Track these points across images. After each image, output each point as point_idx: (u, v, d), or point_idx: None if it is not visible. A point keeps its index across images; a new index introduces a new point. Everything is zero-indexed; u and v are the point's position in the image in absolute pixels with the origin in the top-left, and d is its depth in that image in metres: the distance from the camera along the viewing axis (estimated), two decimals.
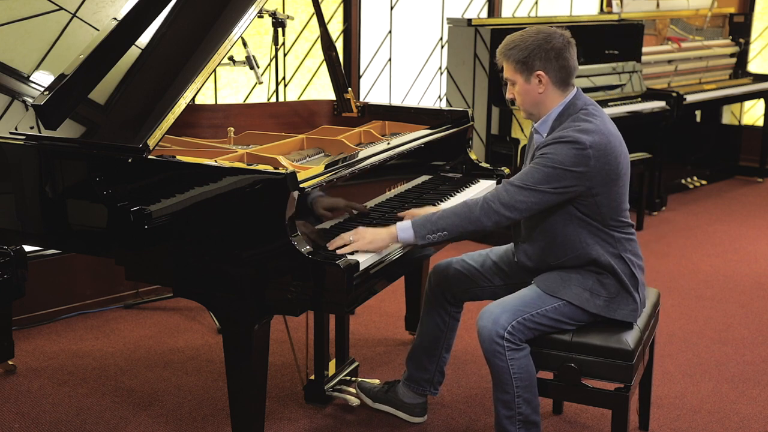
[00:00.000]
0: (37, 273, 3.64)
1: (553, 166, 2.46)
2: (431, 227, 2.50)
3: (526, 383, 2.55)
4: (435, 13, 5.53)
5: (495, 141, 5.06)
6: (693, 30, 6.49)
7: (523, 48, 2.54)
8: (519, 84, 2.58)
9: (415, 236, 2.50)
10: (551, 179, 2.46)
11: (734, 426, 3.04)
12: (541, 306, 2.57)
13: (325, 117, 3.59)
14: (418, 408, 3.00)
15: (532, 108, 2.62)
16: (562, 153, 2.46)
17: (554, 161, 2.46)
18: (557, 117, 2.58)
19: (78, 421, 3.01)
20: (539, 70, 2.54)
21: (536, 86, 2.56)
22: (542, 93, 2.56)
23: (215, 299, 2.45)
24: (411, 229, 2.51)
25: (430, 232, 2.50)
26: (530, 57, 2.53)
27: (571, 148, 2.45)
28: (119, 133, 2.58)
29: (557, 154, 2.46)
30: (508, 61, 2.57)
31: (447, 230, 2.51)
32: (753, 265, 4.80)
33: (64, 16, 2.95)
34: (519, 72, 2.56)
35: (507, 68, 2.59)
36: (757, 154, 6.90)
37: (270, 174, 2.33)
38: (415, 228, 2.50)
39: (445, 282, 2.90)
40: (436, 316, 2.94)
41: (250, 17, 2.76)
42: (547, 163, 2.47)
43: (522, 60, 2.54)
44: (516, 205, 2.48)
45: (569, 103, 2.58)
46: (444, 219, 2.50)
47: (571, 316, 2.59)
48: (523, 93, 2.59)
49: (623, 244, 2.60)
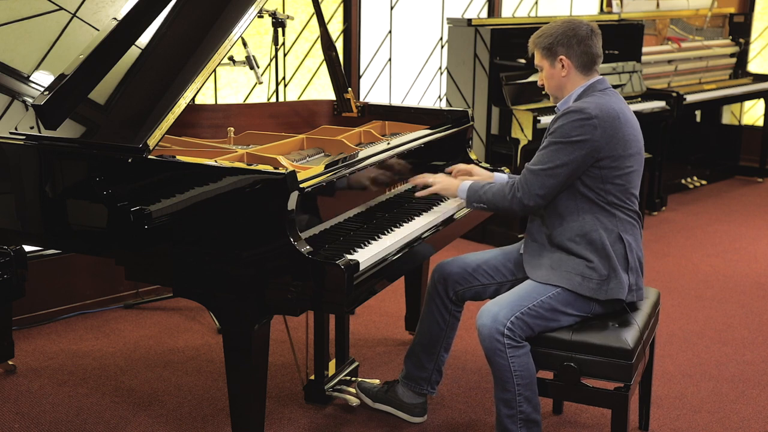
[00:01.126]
0: (37, 273, 3.64)
1: (560, 141, 2.59)
2: (478, 198, 2.77)
3: (527, 381, 2.55)
4: (435, 13, 5.53)
5: (495, 141, 5.06)
6: (693, 30, 6.50)
7: (549, 35, 2.72)
8: (545, 69, 2.75)
9: (467, 200, 2.80)
10: (561, 154, 2.58)
11: (734, 426, 3.04)
12: (536, 298, 2.59)
13: (325, 117, 3.59)
14: (417, 408, 3.00)
15: (556, 91, 2.76)
16: (566, 125, 2.59)
17: (561, 135, 2.59)
18: (577, 97, 2.70)
19: (78, 421, 3.01)
20: (562, 55, 2.70)
21: (560, 70, 2.71)
22: (565, 77, 2.72)
23: (215, 299, 2.45)
24: (466, 192, 2.80)
25: (476, 201, 2.78)
26: (554, 43, 2.71)
27: (576, 118, 2.58)
28: (119, 133, 2.58)
29: (562, 127, 2.60)
30: (536, 48, 2.75)
31: (487, 205, 2.76)
32: (753, 265, 4.80)
33: (64, 16, 2.95)
34: (545, 57, 2.73)
35: (536, 55, 2.76)
36: (757, 154, 6.90)
37: (270, 174, 2.33)
38: (469, 192, 2.79)
39: (447, 280, 2.91)
40: (436, 314, 2.95)
41: (250, 17, 2.76)
42: (554, 139, 2.61)
43: (547, 46, 2.72)
44: (537, 192, 2.63)
45: (590, 86, 2.71)
46: (488, 194, 2.75)
47: (566, 303, 2.60)
48: (548, 77, 2.75)
49: (625, 225, 2.65)
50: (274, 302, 2.37)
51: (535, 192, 2.61)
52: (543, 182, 2.60)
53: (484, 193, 2.75)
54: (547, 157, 2.60)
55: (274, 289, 2.35)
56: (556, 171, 2.58)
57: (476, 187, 2.78)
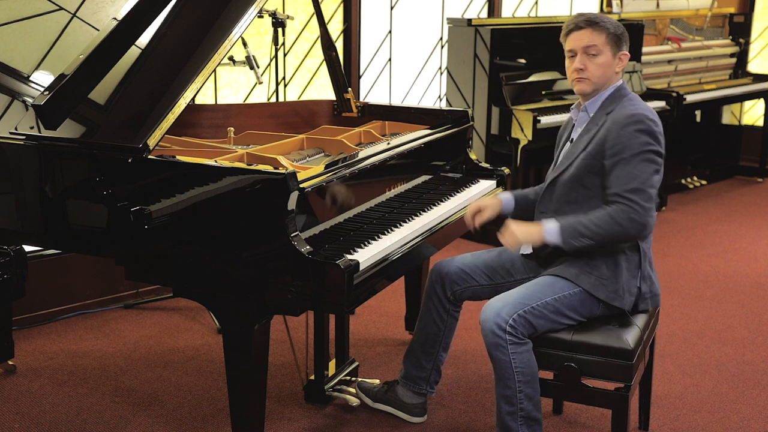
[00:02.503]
0: (37, 273, 3.64)
1: (642, 151, 2.53)
2: (578, 234, 2.55)
3: (528, 378, 2.55)
4: (435, 13, 5.53)
5: (495, 141, 5.06)
6: (693, 30, 6.50)
7: (617, 26, 2.65)
8: (605, 56, 2.64)
9: (563, 241, 2.56)
10: (650, 163, 2.54)
11: (734, 426, 3.04)
12: (541, 298, 2.58)
13: (325, 117, 3.59)
14: (417, 408, 3.00)
15: (600, 82, 2.67)
16: (638, 134, 2.54)
17: (638, 146, 2.53)
18: (608, 97, 2.68)
19: (78, 421, 3.01)
20: (626, 51, 2.68)
21: (616, 63, 2.66)
22: (617, 73, 2.68)
23: (215, 299, 2.45)
24: (559, 234, 2.57)
25: (576, 238, 2.55)
26: (624, 36, 2.67)
27: (644, 127, 2.55)
28: (119, 133, 2.58)
29: (635, 137, 2.53)
30: (603, 31, 2.63)
31: (595, 239, 2.55)
32: (753, 265, 4.80)
33: (64, 16, 2.95)
34: (610, 44, 2.64)
35: (597, 38, 2.62)
36: (757, 154, 6.90)
37: (270, 174, 2.33)
38: (563, 233, 2.56)
39: (445, 280, 2.90)
40: (434, 313, 2.94)
41: (250, 17, 2.76)
42: (636, 150, 2.53)
43: (619, 35, 2.65)
44: (650, 206, 2.53)
45: (620, 87, 2.70)
46: (590, 229, 2.53)
47: (571, 308, 2.60)
48: (605, 65, 2.65)
49: None
50: (274, 302, 2.37)
51: (647, 206, 2.51)
52: (648, 195, 2.52)
53: (585, 228, 2.53)
54: (639, 171, 2.52)
55: (274, 289, 2.35)
56: (652, 180, 2.54)
57: (568, 225, 2.56)
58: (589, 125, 2.69)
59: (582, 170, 2.62)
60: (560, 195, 2.69)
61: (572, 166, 2.65)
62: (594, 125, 2.66)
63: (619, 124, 2.57)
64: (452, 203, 3.07)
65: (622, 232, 2.53)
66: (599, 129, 2.62)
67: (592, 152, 2.61)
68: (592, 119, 2.69)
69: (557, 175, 2.70)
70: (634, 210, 2.51)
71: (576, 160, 2.65)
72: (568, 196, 2.67)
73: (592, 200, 2.63)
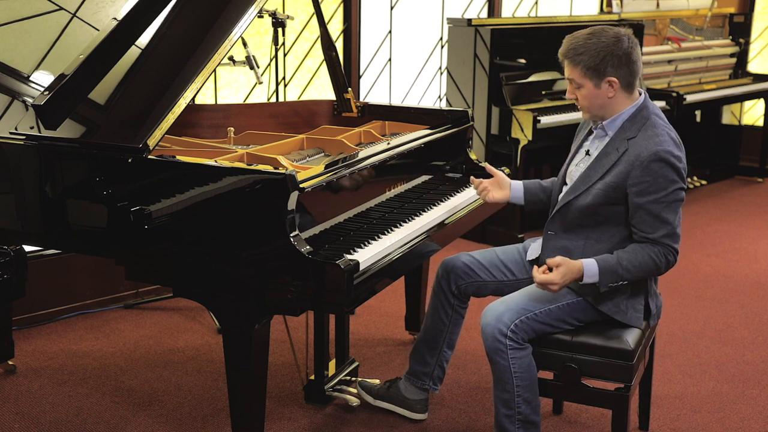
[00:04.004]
0: (37, 273, 3.64)
1: (668, 194, 2.49)
2: (617, 278, 2.51)
3: (527, 383, 2.55)
4: (435, 13, 5.53)
5: (495, 141, 5.06)
6: (693, 30, 6.49)
7: (594, 54, 2.49)
8: (587, 88, 2.54)
9: (601, 284, 2.52)
10: (676, 204, 2.51)
11: (734, 426, 3.04)
12: (545, 305, 2.57)
13: (325, 117, 3.59)
14: (419, 404, 3.01)
15: (599, 111, 2.59)
16: (665, 175, 2.48)
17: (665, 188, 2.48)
18: (629, 118, 2.58)
19: (78, 421, 3.01)
20: (611, 77, 2.51)
21: (606, 91, 2.53)
22: (612, 97, 2.55)
23: (215, 299, 2.45)
24: (597, 276, 2.51)
25: (614, 281, 2.52)
26: (602, 63, 2.49)
27: (671, 166, 2.48)
28: (119, 133, 2.58)
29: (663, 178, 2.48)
30: (577, 66, 2.52)
31: (631, 280, 2.54)
32: (753, 265, 4.80)
33: (64, 16, 2.95)
34: (588, 77, 2.52)
35: (573, 72, 2.54)
36: (757, 154, 6.89)
37: (270, 174, 2.33)
38: (601, 277, 2.50)
39: (450, 274, 2.91)
40: (440, 309, 2.95)
41: (250, 17, 2.76)
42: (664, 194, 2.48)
43: (593, 66, 2.50)
44: (678, 246, 2.54)
45: (641, 106, 2.58)
46: (630, 272, 2.51)
47: (575, 316, 2.60)
48: (591, 97, 2.55)
49: None
50: (274, 302, 2.37)
51: (677, 248, 2.54)
52: (677, 236, 2.53)
53: (625, 271, 2.50)
54: (669, 216, 2.49)
55: (274, 289, 2.35)
56: (678, 220, 2.53)
57: (607, 267, 2.50)
58: (608, 148, 2.59)
59: (600, 200, 2.55)
60: (573, 219, 2.63)
61: (589, 194, 2.57)
62: (613, 149, 2.57)
63: (643, 160, 2.48)
64: (452, 203, 3.07)
65: (656, 272, 2.54)
66: (620, 157, 2.53)
67: (612, 184, 2.53)
68: (612, 141, 2.58)
69: (572, 199, 2.62)
70: (671, 253, 2.52)
71: (593, 188, 2.56)
72: (580, 220, 2.61)
73: (602, 225, 2.59)
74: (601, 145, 2.62)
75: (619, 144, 2.56)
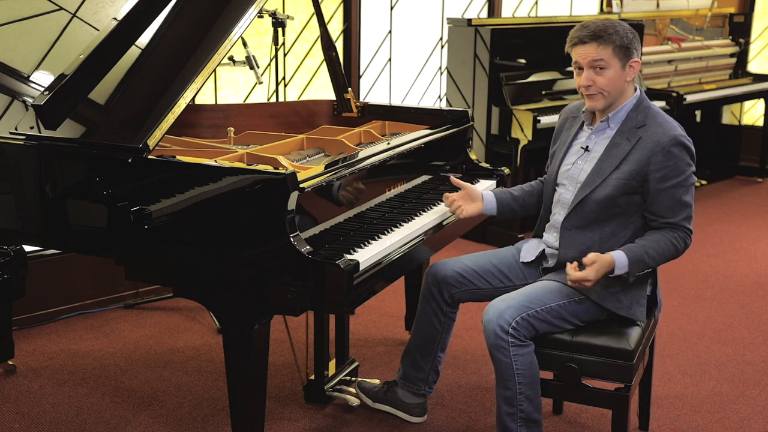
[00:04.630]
0: (37, 273, 3.64)
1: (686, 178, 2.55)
2: (643, 266, 2.55)
3: (529, 380, 2.55)
4: (435, 13, 5.53)
5: (495, 141, 5.06)
6: (693, 30, 6.50)
7: (624, 34, 2.52)
8: (614, 69, 2.53)
9: (630, 274, 2.55)
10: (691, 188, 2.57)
11: (734, 426, 3.04)
12: (546, 303, 2.57)
13: (325, 117, 3.59)
14: (417, 408, 3.00)
15: (617, 96, 2.58)
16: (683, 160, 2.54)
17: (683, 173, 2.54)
18: (633, 109, 2.60)
19: (78, 421, 3.01)
20: (636, 58, 2.56)
21: (628, 73, 2.56)
22: (629, 82, 2.58)
23: (215, 299, 2.45)
24: (627, 266, 2.53)
25: (641, 270, 2.57)
26: (632, 43, 2.53)
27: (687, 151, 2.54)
28: (119, 133, 2.58)
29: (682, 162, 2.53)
30: (609, 44, 2.51)
31: (652, 267, 2.60)
32: (753, 265, 4.80)
33: (64, 16, 2.95)
34: (617, 56, 2.52)
35: (603, 51, 2.52)
36: (757, 154, 6.90)
37: (270, 174, 2.33)
38: (630, 267, 2.54)
39: (442, 282, 2.88)
40: (431, 315, 2.92)
41: (250, 17, 2.76)
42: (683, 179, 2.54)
43: (625, 45, 2.52)
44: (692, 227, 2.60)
45: (641, 98, 2.63)
46: (655, 260, 2.56)
47: (577, 315, 2.60)
48: (615, 79, 2.54)
49: None
50: (274, 302, 2.37)
51: (692, 228, 2.60)
52: (692, 218, 2.59)
53: (650, 259, 2.54)
54: (687, 200, 2.56)
55: (274, 289, 2.35)
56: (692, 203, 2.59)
57: (635, 257, 2.53)
58: (616, 139, 2.59)
59: (619, 190, 2.56)
60: (589, 213, 2.62)
61: (607, 186, 2.57)
62: (623, 140, 2.57)
63: (665, 145, 2.51)
64: None
65: (676, 255, 2.59)
66: (634, 146, 2.54)
67: (631, 173, 2.54)
68: (619, 133, 2.59)
69: (589, 193, 2.61)
70: (688, 236, 2.59)
71: (610, 179, 2.57)
72: (597, 214, 2.61)
73: (617, 218, 2.61)
74: (605, 139, 2.63)
75: (629, 134, 2.59)
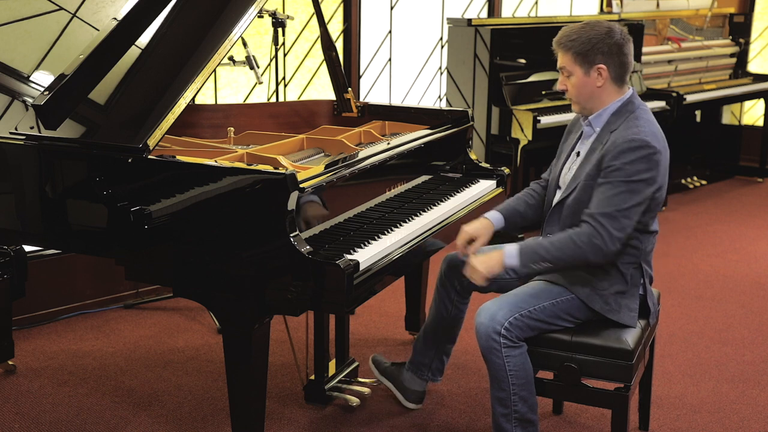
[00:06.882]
0: (37, 273, 3.64)
1: (631, 180, 2.44)
2: (537, 257, 2.50)
3: (523, 381, 2.55)
4: (435, 13, 5.53)
5: (495, 141, 5.06)
6: (693, 30, 6.49)
7: (586, 40, 2.52)
8: (576, 76, 2.55)
9: (521, 264, 2.52)
10: (634, 194, 2.44)
11: (734, 426, 3.04)
12: (538, 303, 2.57)
13: (325, 117, 3.59)
14: (414, 395, 3.05)
15: (587, 102, 2.58)
16: (636, 161, 2.44)
17: (631, 173, 2.44)
18: (615, 112, 2.57)
19: (78, 421, 3.01)
20: (600, 64, 2.52)
21: (595, 80, 2.54)
22: (600, 87, 2.55)
23: (215, 299, 2.45)
24: (517, 257, 2.51)
25: (535, 261, 2.51)
26: (592, 50, 2.51)
27: (644, 154, 2.44)
28: (119, 133, 2.58)
29: (632, 164, 2.44)
30: (567, 51, 2.54)
31: (553, 261, 2.50)
32: (753, 265, 4.80)
33: (64, 16, 2.95)
34: (578, 64, 2.54)
35: (564, 59, 2.56)
36: (757, 154, 6.90)
37: (270, 174, 2.33)
38: (522, 256, 2.51)
39: (454, 271, 2.93)
40: (441, 303, 2.99)
41: (250, 17, 2.76)
42: (624, 178, 2.44)
43: (584, 52, 2.52)
44: (618, 235, 2.45)
45: (627, 101, 2.58)
46: (550, 252, 2.49)
47: (569, 312, 2.59)
48: (579, 85, 2.56)
49: (645, 254, 2.61)
50: (274, 302, 2.37)
51: (615, 235, 2.43)
52: (621, 224, 2.44)
53: (545, 251, 2.48)
54: (620, 199, 2.43)
55: (274, 289, 2.35)
56: (632, 211, 2.44)
57: (528, 247, 2.51)
58: (594, 143, 2.58)
59: (583, 193, 2.54)
60: (565, 217, 2.61)
61: (576, 190, 2.57)
62: (599, 144, 2.56)
63: (617, 146, 2.47)
64: (452, 203, 3.07)
65: (581, 255, 2.47)
66: (603, 148, 2.52)
67: (591, 174, 2.53)
68: (598, 137, 2.58)
69: (563, 198, 2.61)
70: (599, 235, 2.44)
71: (580, 182, 2.57)
72: (571, 218, 2.59)
73: None
74: (589, 144, 2.63)
75: (603, 137, 2.56)
